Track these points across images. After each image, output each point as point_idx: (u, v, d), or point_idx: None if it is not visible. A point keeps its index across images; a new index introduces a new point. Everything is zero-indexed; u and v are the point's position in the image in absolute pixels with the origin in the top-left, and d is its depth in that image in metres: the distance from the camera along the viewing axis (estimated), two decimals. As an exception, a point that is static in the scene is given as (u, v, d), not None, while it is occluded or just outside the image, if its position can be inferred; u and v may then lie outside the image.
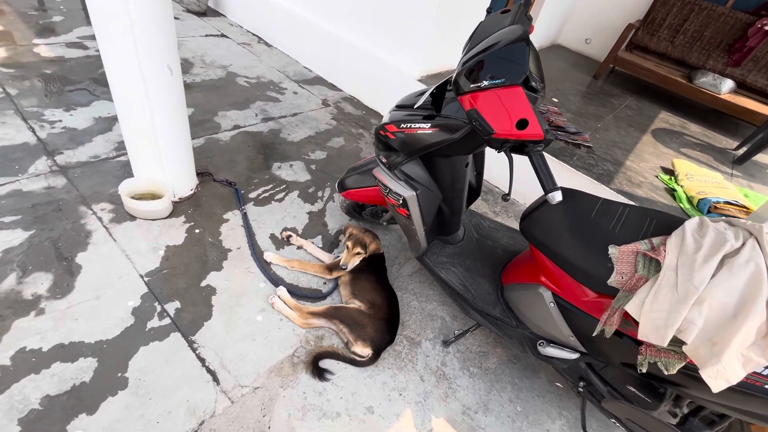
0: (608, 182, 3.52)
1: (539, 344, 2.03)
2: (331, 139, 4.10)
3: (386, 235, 3.14)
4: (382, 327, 2.25)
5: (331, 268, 2.57)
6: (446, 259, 2.47)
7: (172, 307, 2.24)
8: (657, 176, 3.82)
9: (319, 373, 2.12)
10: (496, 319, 2.20)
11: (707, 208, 3.19)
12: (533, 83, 1.40)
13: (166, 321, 2.17)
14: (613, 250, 1.58)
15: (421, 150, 1.93)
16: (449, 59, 4.47)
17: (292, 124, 4.15)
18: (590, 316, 1.72)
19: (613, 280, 1.54)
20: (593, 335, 1.63)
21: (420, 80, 4.19)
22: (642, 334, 1.41)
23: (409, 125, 1.92)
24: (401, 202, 2.09)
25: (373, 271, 2.55)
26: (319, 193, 3.35)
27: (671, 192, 3.60)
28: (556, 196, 1.54)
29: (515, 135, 1.45)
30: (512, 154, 1.61)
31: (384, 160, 2.08)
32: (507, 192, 1.69)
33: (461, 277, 2.37)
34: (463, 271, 2.41)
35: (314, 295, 2.52)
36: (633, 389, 1.78)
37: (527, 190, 3.69)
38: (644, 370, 1.50)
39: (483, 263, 2.47)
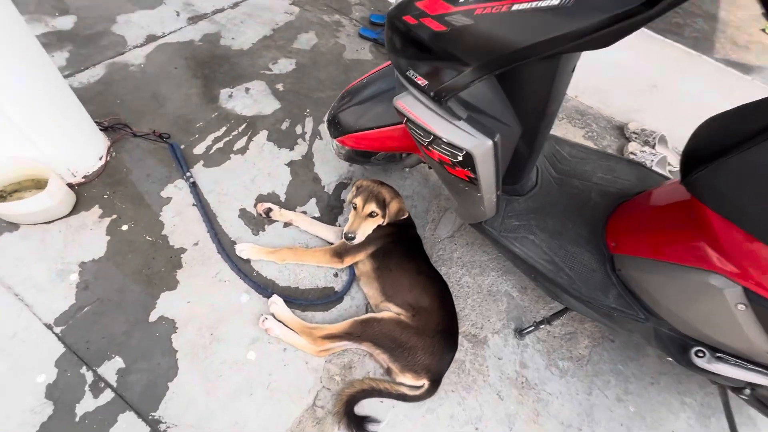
0: (708, 50, 2.44)
1: (696, 353, 1.30)
2: (296, 37, 2.80)
3: (404, 180, 2.19)
4: (439, 344, 1.50)
5: (342, 250, 1.70)
6: (517, 221, 1.60)
7: (110, 368, 1.43)
8: (763, 29, 2.72)
9: (358, 425, 1.43)
10: (610, 310, 1.43)
11: None
12: None
13: (107, 395, 1.38)
14: None
15: (528, 51, 0.86)
16: None
17: (235, 21, 2.79)
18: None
19: None
20: None
21: None
22: None
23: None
24: (461, 158, 1.12)
25: (405, 251, 1.70)
26: (298, 129, 2.28)
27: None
28: None
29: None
30: None
31: (423, 83, 1.03)
32: None
33: (546, 249, 1.54)
34: (547, 238, 1.56)
35: (325, 299, 1.70)
36: None
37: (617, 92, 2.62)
38: None
39: (575, 220, 1.60)
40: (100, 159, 1.90)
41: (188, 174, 1.93)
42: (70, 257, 1.63)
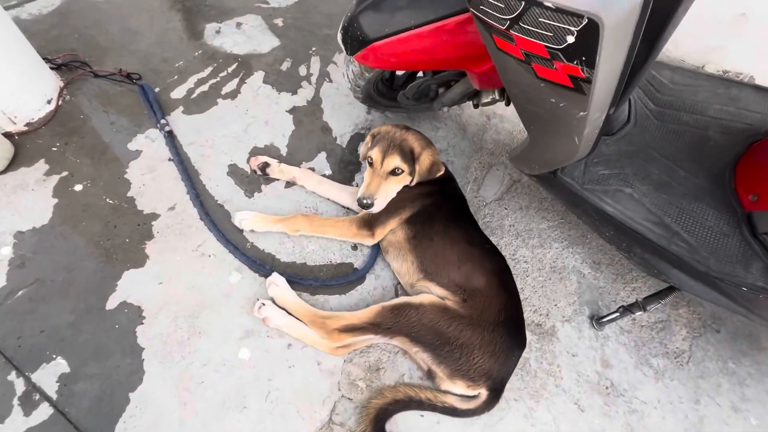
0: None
1: None
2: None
3: (436, 131, 1.74)
4: (502, 340, 1.07)
5: (370, 219, 1.26)
6: (606, 169, 1.16)
7: (49, 374, 1.03)
8: None
9: (392, 449, 1.03)
10: (754, 291, 0.99)
11: None
12: None
13: (43, 411, 0.99)
14: None
15: None
16: None
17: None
18: None
19: None
20: None
21: None
22: None
23: None
24: (573, 38, 0.67)
25: (452, 214, 1.27)
26: (302, 70, 1.82)
27: None
28: None
29: None
30: None
31: None
32: None
33: (650, 206, 1.10)
34: (651, 191, 1.12)
35: (341, 279, 1.28)
36: None
37: None
38: None
39: (688, 167, 1.16)
40: (49, 102, 1.48)
41: (163, 121, 1.50)
42: (2, 225, 1.22)
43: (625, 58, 0.69)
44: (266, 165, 1.44)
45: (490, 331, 1.06)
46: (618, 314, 1.28)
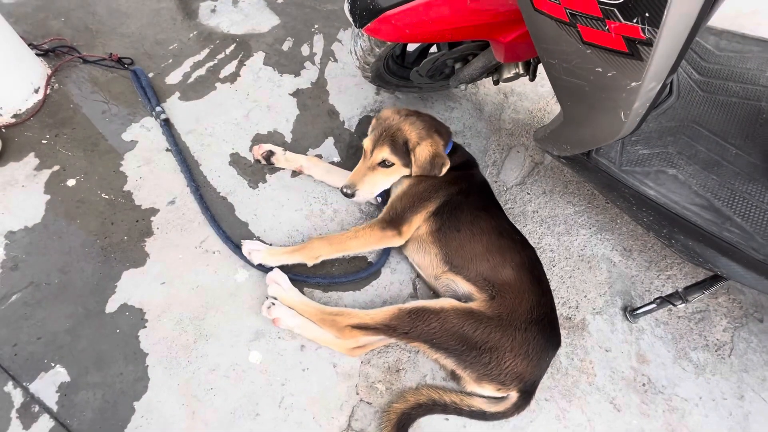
0: None
1: None
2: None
3: (450, 111, 1.62)
4: (535, 340, 0.98)
5: (394, 216, 1.13)
6: (647, 148, 1.04)
7: (49, 384, 0.97)
8: None
9: (416, 457, 0.96)
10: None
11: None
12: None
13: (44, 424, 0.93)
14: None
15: None
16: None
17: None
18: None
19: None
20: None
21: None
22: None
23: None
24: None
25: (479, 203, 1.16)
26: (304, 49, 1.70)
27: None
28: None
29: None
30: None
31: None
32: None
33: (697, 188, 0.99)
34: (698, 171, 1.01)
35: (354, 275, 1.20)
36: None
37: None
38: None
39: (740, 144, 1.04)
40: (36, 92, 1.38)
41: (159, 109, 1.39)
42: (-8, 225, 1.14)
43: (699, 11, 0.57)
44: (271, 153, 1.33)
45: (522, 330, 0.97)
46: (655, 305, 1.18)
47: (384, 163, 1.12)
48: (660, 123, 1.08)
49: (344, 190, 1.12)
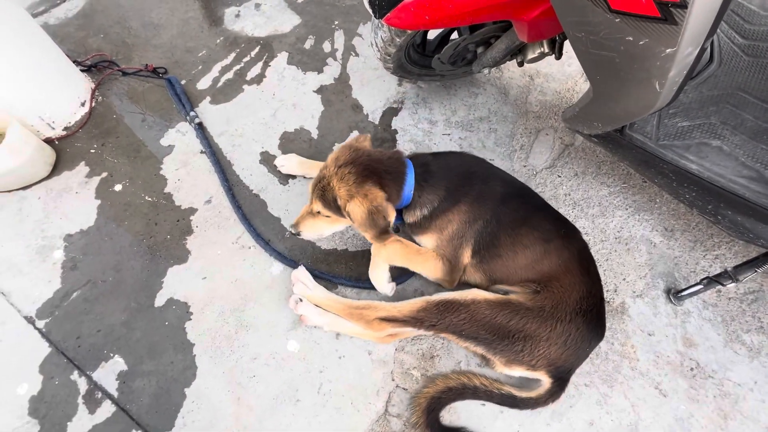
0: None
1: None
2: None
3: (474, 97, 1.59)
4: (578, 331, 0.96)
5: (453, 261, 1.06)
6: (687, 120, 0.99)
7: (109, 372, 1.05)
8: None
9: (450, 441, 0.97)
10: None
11: None
12: None
13: (107, 409, 1.01)
14: None
15: None
16: None
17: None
18: None
19: None
20: None
21: None
22: None
23: None
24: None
25: (518, 217, 1.06)
26: (326, 46, 1.72)
27: None
28: None
29: None
30: None
31: None
32: None
33: (745, 159, 0.93)
34: (746, 141, 0.95)
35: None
36: None
37: None
38: None
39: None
40: (83, 105, 1.48)
41: (192, 114, 1.46)
42: (52, 230, 1.25)
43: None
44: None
45: (565, 322, 0.95)
46: (702, 286, 1.12)
47: (318, 212, 1.05)
48: (701, 92, 1.02)
49: (291, 229, 1.11)
